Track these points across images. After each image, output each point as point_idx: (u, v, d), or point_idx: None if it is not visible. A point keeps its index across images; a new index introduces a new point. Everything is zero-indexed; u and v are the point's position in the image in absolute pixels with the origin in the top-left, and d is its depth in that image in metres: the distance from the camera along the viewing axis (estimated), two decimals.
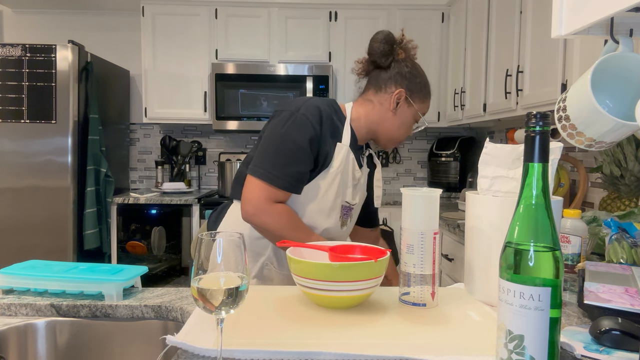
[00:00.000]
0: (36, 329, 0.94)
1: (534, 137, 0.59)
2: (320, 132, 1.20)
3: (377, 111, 1.29)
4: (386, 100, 1.27)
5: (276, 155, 1.17)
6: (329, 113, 1.23)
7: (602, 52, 0.87)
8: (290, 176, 1.17)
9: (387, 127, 1.29)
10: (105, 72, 3.24)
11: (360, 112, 1.30)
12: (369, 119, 1.29)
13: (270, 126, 1.22)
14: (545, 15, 2.05)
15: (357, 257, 0.99)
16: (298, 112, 1.18)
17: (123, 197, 3.10)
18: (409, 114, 1.29)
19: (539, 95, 2.07)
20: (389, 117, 1.28)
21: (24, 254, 2.82)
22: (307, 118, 1.18)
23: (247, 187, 1.19)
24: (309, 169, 1.20)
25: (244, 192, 1.19)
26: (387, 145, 1.34)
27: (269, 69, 3.25)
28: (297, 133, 1.17)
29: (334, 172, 1.23)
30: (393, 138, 1.32)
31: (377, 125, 1.30)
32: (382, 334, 0.78)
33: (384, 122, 1.29)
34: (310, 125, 1.18)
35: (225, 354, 0.70)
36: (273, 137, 1.19)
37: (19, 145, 2.84)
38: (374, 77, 1.30)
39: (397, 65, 1.27)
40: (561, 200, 0.90)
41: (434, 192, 0.92)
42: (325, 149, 1.21)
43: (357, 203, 1.36)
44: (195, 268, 0.64)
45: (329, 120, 1.22)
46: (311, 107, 1.20)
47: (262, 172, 1.17)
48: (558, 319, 0.57)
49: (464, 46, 3.06)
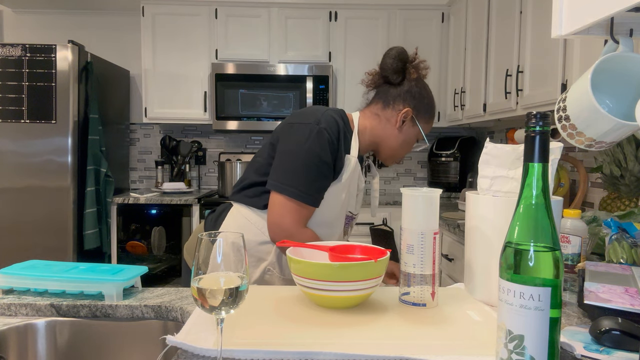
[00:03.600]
0: (36, 329, 0.94)
1: (534, 137, 0.59)
2: (338, 146, 1.21)
3: (383, 127, 1.30)
4: (393, 117, 1.28)
5: (304, 170, 1.17)
6: (342, 126, 1.23)
7: (602, 52, 0.87)
8: (317, 192, 1.19)
9: (390, 144, 1.31)
10: (105, 72, 3.24)
11: (366, 124, 1.31)
12: (373, 133, 1.30)
13: (293, 140, 1.20)
14: (545, 15, 2.05)
15: (357, 257, 0.99)
16: (319, 126, 1.18)
17: (123, 197, 3.10)
18: (413, 133, 1.30)
19: (539, 95, 2.07)
20: (393, 134, 1.29)
21: (24, 254, 2.82)
22: (328, 133, 1.18)
23: (276, 207, 1.18)
24: (330, 183, 1.22)
25: (272, 213, 1.18)
26: (387, 161, 1.35)
27: (269, 69, 3.25)
28: (321, 148, 1.17)
29: (343, 184, 1.24)
30: (394, 155, 1.33)
31: (380, 140, 1.31)
32: (382, 334, 0.78)
33: (388, 138, 1.30)
34: (332, 140, 1.19)
35: (225, 354, 0.70)
36: (298, 152, 1.18)
37: (19, 145, 2.84)
38: (382, 91, 1.30)
39: (407, 84, 1.28)
40: (561, 200, 0.90)
41: (434, 192, 0.92)
42: (341, 163, 1.23)
43: (358, 213, 1.39)
44: (195, 268, 0.64)
45: (344, 133, 1.23)
46: (331, 121, 1.20)
47: (292, 191, 1.16)
48: (558, 319, 0.57)
49: (464, 46, 3.06)
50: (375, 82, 1.31)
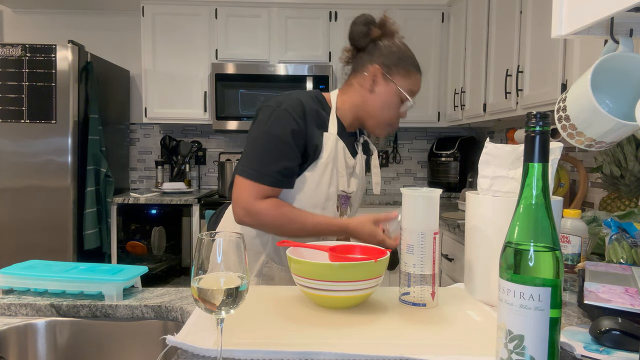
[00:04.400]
0: (36, 329, 0.94)
1: (534, 137, 0.59)
2: (304, 125, 1.18)
3: (358, 93, 1.26)
4: (365, 81, 1.24)
5: (262, 152, 1.17)
6: (312, 106, 1.22)
7: (602, 52, 0.87)
8: (277, 172, 1.16)
9: (369, 109, 1.26)
10: (105, 72, 3.24)
11: (344, 99, 1.29)
12: (352, 104, 1.28)
13: (255, 125, 1.21)
14: (545, 15, 2.05)
15: (357, 257, 0.99)
16: (279, 108, 1.18)
17: (123, 197, 3.10)
18: (390, 91, 1.23)
19: (539, 95, 2.07)
20: (370, 98, 1.25)
21: (24, 254, 2.82)
22: (288, 112, 1.17)
23: (236, 188, 1.19)
24: (296, 163, 1.19)
25: (233, 194, 1.20)
26: (377, 131, 1.29)
27: (269, 69, 3.25)
28: (279, 128, 1.16)
29: (324, 163, 1.21)
30: (379, 121, 1.27)
31: (360, 109, 1.27)
32: (382, 334, 0.78)
33: (365, 103, 1.26)
34: (292, 119, 1.17)
35: (225, 354, 0.70)
36: (257, 136, 1.19)
37: (19, 145, 2.84)
38: (355, 61, 1.28)
39: (374, 45, 1.25)
40: (561, 200, 0.90)
41: (434, 192, 0.92)
42: (314, 142, 1.20)
43: (355, 191, 1.33)
44: (195, 268, 0.64)
45: (313, 112, 1.21)
46: (293, 101, 1.19)
47: (249, 172, 1.17)
48: (558, 319, 0.57)
49: (464, 46, 3.06)
50: (351, 56, 1.30)
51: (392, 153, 3.74)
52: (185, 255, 3.45)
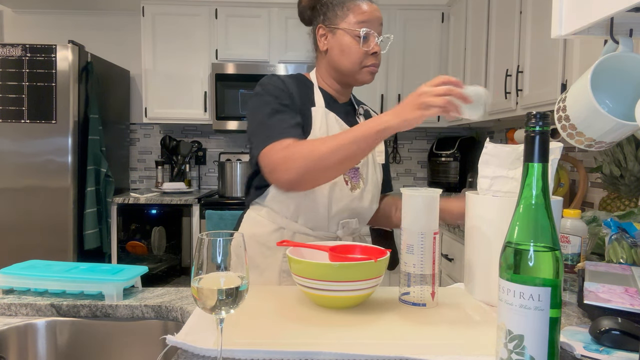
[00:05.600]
0: (36, 329, 0.94)
1: (534, 137, 0.59)
2: (287, 89, 1.20)
3: (322, 60, 1.29)
4: (320, 45, 1.27)
5: (262, 126, 1.16)
6: (292, 77, 1.25)
7: (602, 52, 0.87)
8: (285, 128, 1.14)
9: (334, 65, 1.25)
10: (105, 72, 3.24)
11: (318, 72, 1.31)
12: (323, 71, 1.29)
13: (249, 113, 1.23)
14: (545, 15, 2.05)
15: (357, 257, 0.99)
16: (259, 85, 1.21)
17: (123, 197, 3.10)
18: (339, 37, 1.22)
19: (539, 95, 2.07)
20: (329, 57, 1.25)
21: (24, 254, 2.82)
22: (268, 81, 1.21)
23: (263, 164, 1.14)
24: (298, 117, 1.18)
25: (265, 172, 1.15)
26: (358, 78, 1.25)
27: (269, 69, 3.25)
28: (265, 98, 1.18)
29: (316, 137, 1.20)
30: (349, 68, 1.23)
31: (331, 71, 1.27)
32: (382, 334, 0.78)
33: (329, 63, 1.26)
34: (272, 85, 1.20)
35: (225, 354, 0.70)
36: (252, 118, 1.20)
37: (19, 145, 2.84)
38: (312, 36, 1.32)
39: (314, 11, 1.29)
40: (561, 200, 0.91)
41: (434, 192, 0.92)
42: (306, 114, 1.21)
43: (363, 162, 1.29)
44: (195, 268, 0.64)
45: (294, 80, 1.24)
46: (270, 76, 1.24)
47: (262, 145, 1.13)
48: (558, 319, 0.57)
49: (464, 46, 3.06)
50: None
51: (392, 153, 3.74)
52: (185, 255, 3.45)
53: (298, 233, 1.23)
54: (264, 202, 1.26)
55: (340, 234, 1.25)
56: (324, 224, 1.23)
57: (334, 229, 1.25)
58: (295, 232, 1.23)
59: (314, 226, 1.23)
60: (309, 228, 1.23)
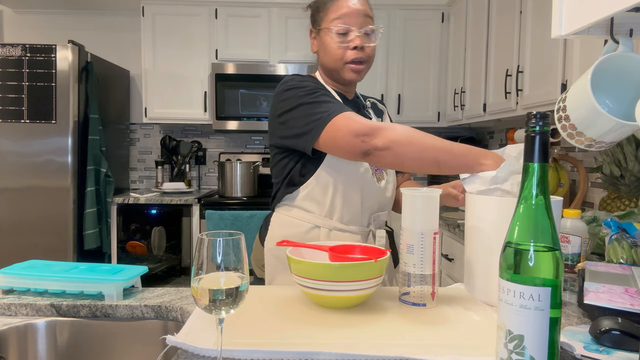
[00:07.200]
0: (36, 329, 0.94)
1: (534, 137, 0.59)
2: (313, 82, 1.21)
3: (318, 60, 1.32)
4: (312, 46, 1.32)
5: (316, 106, 1.13)
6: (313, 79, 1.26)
7: (602, 52, 0.87)
8: (342, 105, 1.13)
9: (322, 63, 1.29)
10: (105, 72, 3.24)
11: (319, 72, 1.33)
12: (322, 71, 1.32)
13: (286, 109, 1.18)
14: (545, 15, 2.05)
15: (357, 257, 0.99)
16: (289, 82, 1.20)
17: (123, 197, 3.10)
18: (323, 36, 1.25)
19: (539, 95, 2.07)
20: (318, 56, 1.30)
21: (24, 254, 2.82)
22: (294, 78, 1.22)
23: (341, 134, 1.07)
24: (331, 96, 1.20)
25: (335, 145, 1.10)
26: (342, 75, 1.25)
27: (269, 69, 3.25)
28: (302, 88, 1.16)
29: None
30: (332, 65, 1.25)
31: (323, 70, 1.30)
32: (382, 334, 0.78)
33: (319, 62, 1.31)
34: (301, 79, 1.21)
35: (225, 354, 0.70)
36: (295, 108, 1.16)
37: (19, 145, 2.84)
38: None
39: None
40: (561, 200, 0.91)
41: (434, 192, 0.92)
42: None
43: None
44: (195, 268, 0.64)
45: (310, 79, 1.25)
46: (292, 75, 1.25)
47: (327, 119, 1.09)
48: (558, 319, 0.57)
49: (464, 46, 3.06)
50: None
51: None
52: (185, 255, 3.45)
53: (334, 229, 1.23)
54: (294, 202, 1.25)
55: (373, 228, 1.27)
56: (358, 217, 1.24)
57: (366, 223, 1.26)
58: (331, 228, 1.23)
59: (348, 221, 1.24)
60: (343, 224, 1.24)
